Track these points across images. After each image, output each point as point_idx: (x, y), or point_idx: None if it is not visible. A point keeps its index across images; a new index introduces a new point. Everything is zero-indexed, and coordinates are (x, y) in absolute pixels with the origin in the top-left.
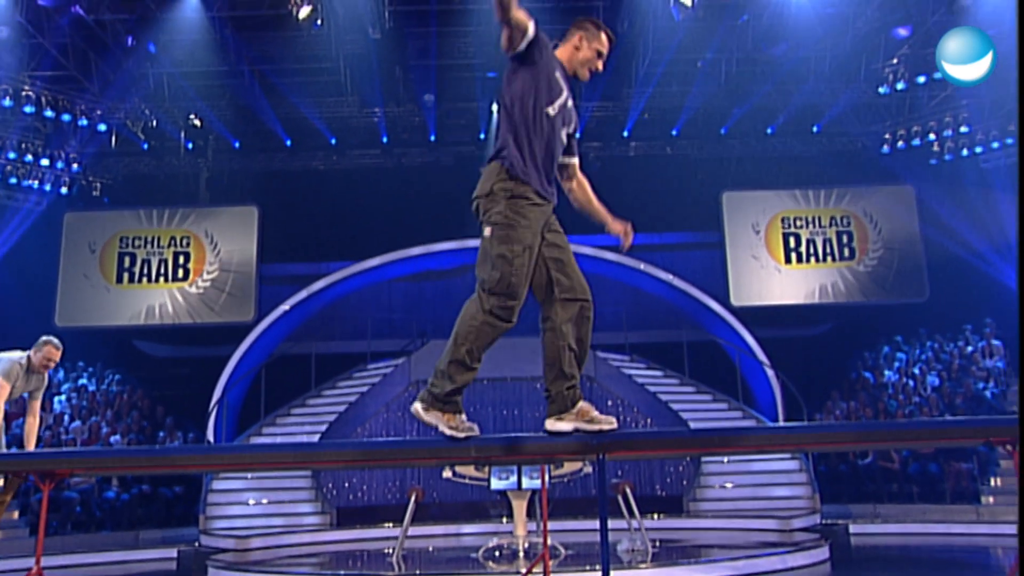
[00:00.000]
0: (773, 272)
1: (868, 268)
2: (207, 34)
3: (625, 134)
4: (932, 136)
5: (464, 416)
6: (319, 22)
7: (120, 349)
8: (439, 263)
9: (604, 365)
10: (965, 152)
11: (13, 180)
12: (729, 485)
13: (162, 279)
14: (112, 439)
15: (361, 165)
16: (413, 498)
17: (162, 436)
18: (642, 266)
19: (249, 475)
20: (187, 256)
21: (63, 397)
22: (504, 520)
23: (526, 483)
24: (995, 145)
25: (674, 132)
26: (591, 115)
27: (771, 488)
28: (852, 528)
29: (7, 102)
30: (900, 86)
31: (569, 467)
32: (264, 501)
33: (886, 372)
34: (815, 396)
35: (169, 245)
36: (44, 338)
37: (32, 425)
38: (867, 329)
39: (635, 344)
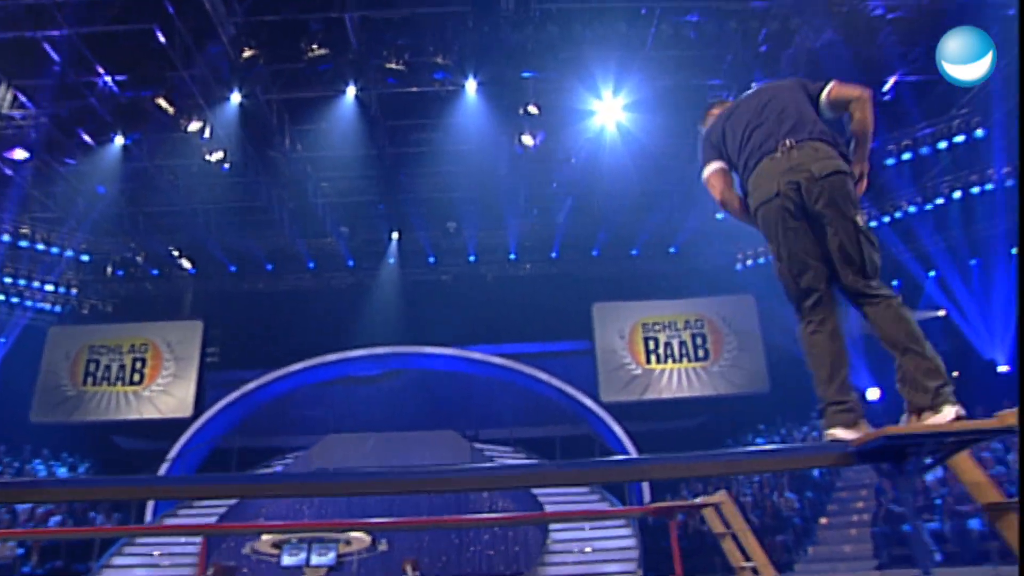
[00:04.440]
0: (637, 372)
1: (720, 367)
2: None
3: (512, 256)
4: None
5: None
6: (206, 135)
7: (98, 443)
8: (354, 370)
9: (480, 456)
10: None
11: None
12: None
13: (119, 383)
14: (51, 520)
15: (295, 287)
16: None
17: (92, 515)
18: (523, 368)
19: (155, 552)
20: (143, 362)
21: None
22: None
23: (315, 559)
24: None
25: (553, 255)
26: (481, 239)
27: (605, 564)
28: None
29: (6, 238)
30: None
31: (358, 544)
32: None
33: None
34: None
35: (129, 351)
36: None
37: None
38: (734, 419)
39: (520, 438)
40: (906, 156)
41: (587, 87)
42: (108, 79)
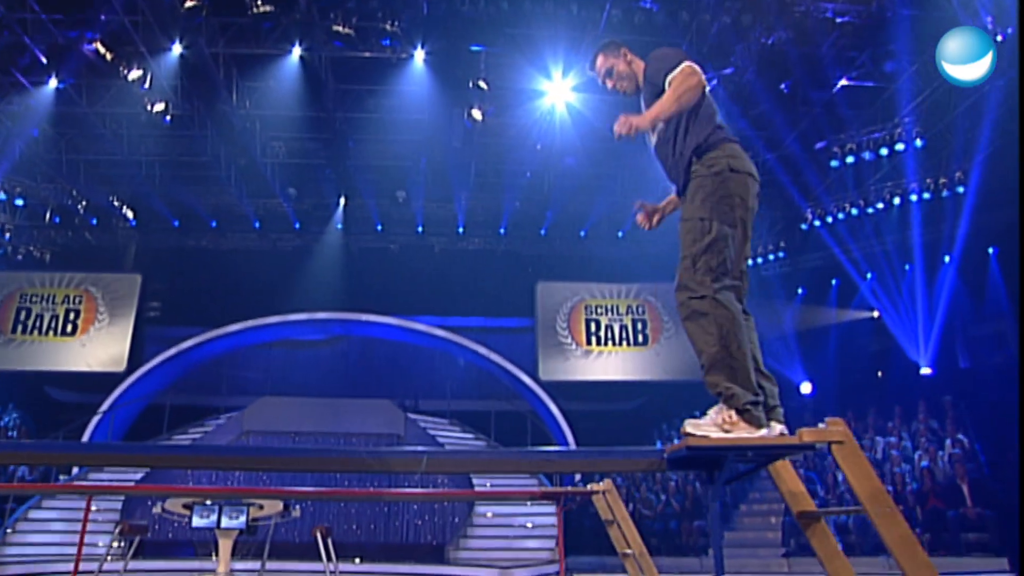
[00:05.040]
0: (576, 352)
1: (658, 353)
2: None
3: (460, 230)
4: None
5: None
6: (146, 85)
7: (31, 392)
8: (294, 333)
9: (414, 426)
10: (751, 263)
11: None
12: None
13: (51, 333)
14: None
15: (239, 246)
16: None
17: (12, 468)
18: (464, 341)
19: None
20: (77, 313)
21: None
22: (213, 557)
23: (226, 522)
24: (771, 257)
25: (501, 231)
26: (430, 211)
27: (526, 540)
28: None
29: None
30: None
31: (271, 508)
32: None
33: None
34: None
35: (63, 302)
36: None
37: None
38: (670, 404)
39: (456, 411)
40: (849, 159)
41: (536, 67)
42: (43, 17)
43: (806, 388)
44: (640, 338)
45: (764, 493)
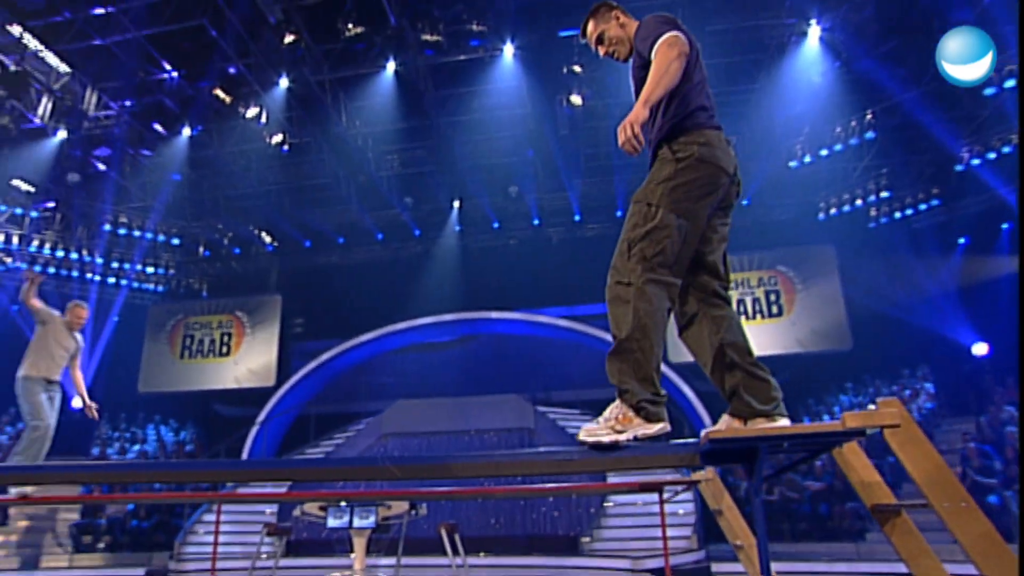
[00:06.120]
0: None
1: (794, 322)
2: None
3: (576, 218)
4: (859, 202)
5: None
6: (262, 120)
7: (201, 409)
8: (423, 337)
9: (543, 419)
10: (898, 215)
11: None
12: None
13: (211, 355)
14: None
15: (366, 259)
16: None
17: None
18: (589, 329)
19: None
20: (229, 335)
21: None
22: (351, 555)
23: (357, 522)
24: (922, 207)
25: (618, 213)
26: (544, 203)
27: (659, 529)
28: (715, 568)
29: (107, 227)
30: (807, 159)
31: (397, 508)
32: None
33: (824, 417)
34: None
35: (217, 327)
36: (72, 302)
37: (79, 377)
38: (816, 377)
39: (586, 400)
40: (1009, 83)
41: None
42: (174, 74)
43: (980, 349)
44: (775, 309)
45: None
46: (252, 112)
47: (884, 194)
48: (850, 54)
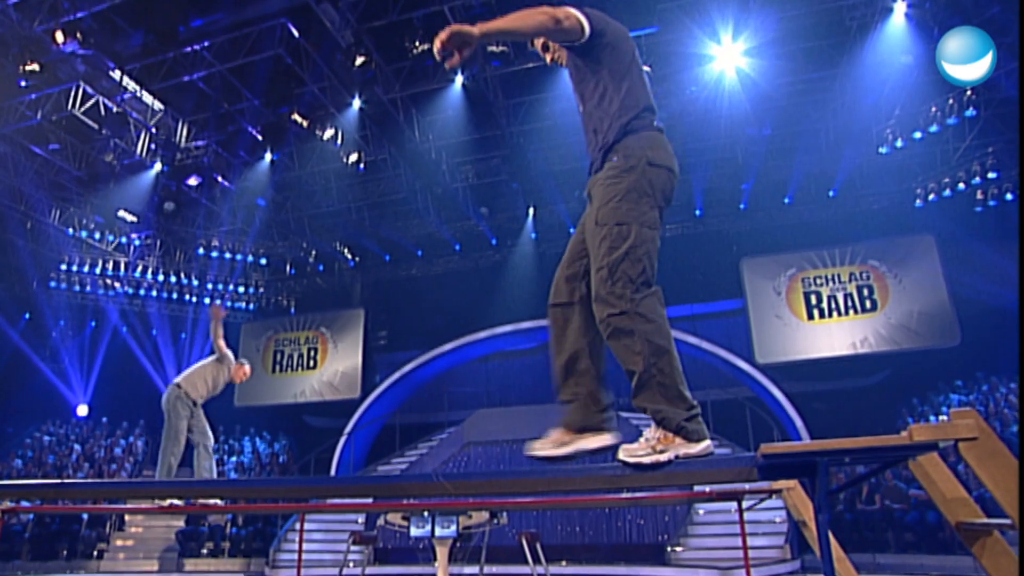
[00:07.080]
0: (797, 329)
1: (890, 317)
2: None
3: None
4: (962, 186)
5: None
6: (338, 141)
7: (293, 422)
8: (504, 345)
9: (625, 424)
10: (1009, 196)
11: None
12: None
13: (300, 369)
14: None
15: (445, 270)
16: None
17: None
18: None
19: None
20: (315, 350)
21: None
22: (434, 563)
23: (439, 532)
24: None
25: (697, 212)
26: None
27: (751, 538)
28: None
29: (201, 250)
30: (899, 144)
31: (478, 518)
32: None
33: (931, 418)
34: None
35: (304, 342)
36: (242, 359)
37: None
38: (920, 375)
39: None
40: None
41: (707, 34)
42: (255, 103)
43: None
44: (868, 304)
45: None
46: (328, 133)
47: (991, 175)
48: (943, 27)
